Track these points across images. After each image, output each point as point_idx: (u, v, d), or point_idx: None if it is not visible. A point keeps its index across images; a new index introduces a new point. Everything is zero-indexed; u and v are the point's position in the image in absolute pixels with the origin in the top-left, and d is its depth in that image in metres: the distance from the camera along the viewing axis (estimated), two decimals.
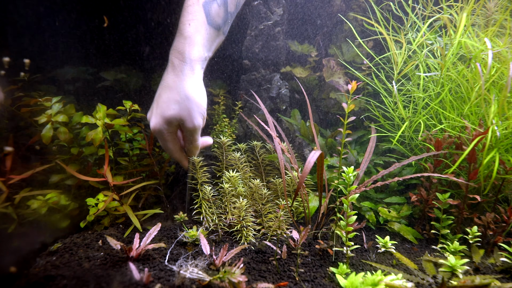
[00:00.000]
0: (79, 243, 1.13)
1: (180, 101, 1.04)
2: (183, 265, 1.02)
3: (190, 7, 1.07)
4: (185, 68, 1.05)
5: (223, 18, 1.13)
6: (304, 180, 1.47)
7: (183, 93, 1.04)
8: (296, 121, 1.74)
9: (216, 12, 1.10)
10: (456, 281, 0.96)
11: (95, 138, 1.20)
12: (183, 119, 1.06)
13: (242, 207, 1.28)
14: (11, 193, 1.11)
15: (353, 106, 1.19)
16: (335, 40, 1.88)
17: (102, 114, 1.25)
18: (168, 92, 1.05)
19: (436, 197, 1.31)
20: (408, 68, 1.50)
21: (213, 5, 1.10)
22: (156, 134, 1.11)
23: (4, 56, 1.16)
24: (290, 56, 1.87)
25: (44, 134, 1.17)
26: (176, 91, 1.04)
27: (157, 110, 1.06)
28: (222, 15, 1.12)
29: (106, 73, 1.65)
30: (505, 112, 1.22)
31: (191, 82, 1.06)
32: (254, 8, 1.70)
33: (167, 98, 1.05)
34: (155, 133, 1.10)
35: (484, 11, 1.55)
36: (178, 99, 1.04)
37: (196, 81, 1.07)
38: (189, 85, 1.05)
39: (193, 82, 1.06)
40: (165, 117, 1.05)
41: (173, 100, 1.04)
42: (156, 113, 1.06)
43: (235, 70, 1.79)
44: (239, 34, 1.76)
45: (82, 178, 1.19)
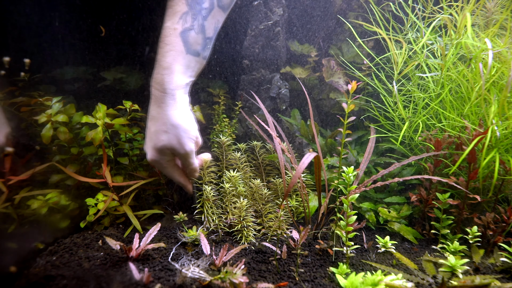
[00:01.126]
0: (79, 243, 1.13)
1: (167, 130, 1.07)
2: (185, 264, 1.02)
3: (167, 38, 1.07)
4: (166, 98, 1.06)
5: (202, 44, 1.13)
6: (302, 181, 1.47)
7: (169, 123, 1.06)
8: (296, 121, 1.74)
9: (194, 39, 1.11)
10: (456, 281, 0.96)
11: (95, 138, 1.20)
12: (174, 148, 1.08)
13: (242, 207, 1.28)
14: (11, 193, 1.11)
15: (353, 106, 1.19)
16: (335, 40, 1.88)
17: (102, 114, 1.25)
18: (155, 124, 1.07)
19: (436, 197, 1.31)
20: (409, 69, 1.50)
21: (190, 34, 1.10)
22: (155, 165, 1.15)
23: (4, 56, 1.16)
24: (290, 56, 1.87)
25: (44, 134, 1.17)
26: (161, 122, 1.07)
27: (149, 143, 1.09)
28: (201, 42, 1.13)
29: (106, 73, 1.65)
30: (505, 112, 1.22)
31: (175, 111, 1.07)
32: (254, 8, 1.70)
33: (155, 130, 1.07)
34: (154, 165, 1.14)
35: (484, 11, 1.55)
36: (165, 129, 1.07)
37: (180, 109, 1.08)
38: (174, 114, 1.07)
39: (177, 110, 1.08)
40: (157, 148, 1.08)
41: (161, 131, 1.07)
42: (149, 146, 1.09)
43: (235, 70, 1.79)
44: (239, 34, 1.76)
45: (81, 179, 1.19)
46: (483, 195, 1.34)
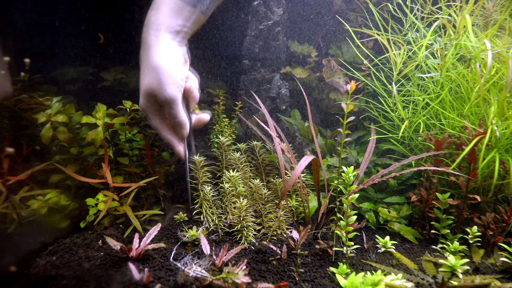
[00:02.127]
0: (79, 243, 1.13)
1: (148, 72, 0.99)
2: (187, 263, 1.02)
3: None
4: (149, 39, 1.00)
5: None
6: (302, 181, 1.46)
7: (150, 64, 0.99)
8: (296, 121, 1.74)
9: None
10: (456, 281, 0.96)
11: (96, 138, 1.20)
12: (154, 92, 1.00)
13: (242, 207, 1.28)
14: (11, 193, 1.11)
15: (352, 106, 1.19)
16: (335, 40, 1.88)
17: (102, 114, 1.25)
18: (141, 69, 1.01)
19: (436, 197, 1.31)
20: (408, 69, 1.50)
21: None
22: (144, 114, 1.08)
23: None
24: (290, 56, 1.87)
25: (44, 134, 1.17)
26: (144, 64, 1.00)
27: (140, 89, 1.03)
28: None
29: (106, 73, 1.65)
30: (505, 112, 1.22)
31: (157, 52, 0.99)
32: (254, 8, 1.70)
33: (141, 75, 1.01)
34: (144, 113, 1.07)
35: (483, 12, 1.55)
36: (146, 71, 1.00)
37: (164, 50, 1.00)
38: (155, 55, 0.99)
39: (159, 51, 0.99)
40: (141, 93, 1.01)
41: (143, 74, 1.00)
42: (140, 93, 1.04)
43: (235, 70, 1.79)
44: (239, 34, 1.76)
45: (82, 179, 1.19)
46: (483, 195, 1.34)
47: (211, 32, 1.76)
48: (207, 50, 1.81)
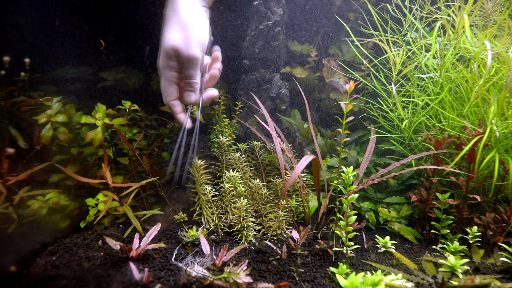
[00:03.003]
0: (79, 243, 1.13)
1: (176, 28, 0.98)
2: (189, 263, 1.02)
3: None
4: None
5: None
6: (303, 181, 1.46)
7: (180, 21, 0.99)
8: (296, 121, 1.74)
9: None
10: (456, 281, 0.96)
11: (95, 138, 1.20)
12: (178, 48, 0.98)
13: (242, 207, 1.28)
14: (11, 193, 1.11)
15: (351, 106, 1.19)
16: (335, 40, 1.88)
17: (101, 114, 1.25)
18: (166, 26, 1.00)
19: (436, 197, 1.31)
20: (408, 70, 1.50)
21: None
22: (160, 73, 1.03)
23: (5, 55, 1.15)
24: (290, 56, 1.87)
25: (44, 134, 1.17)
26: (172, 21, 0.99)
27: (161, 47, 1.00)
28: None
29: (106, 73, 1.65)
30: (505, 112, 1.22)
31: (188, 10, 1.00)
32: (254, 8, 1.70)
33: (165, 32, 0.99)
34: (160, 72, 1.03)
35: (483, 12, 1.55)
36: (174, 27, 0.99)
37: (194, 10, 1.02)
38: (186, 13, 1.00)
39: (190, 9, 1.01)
40: (164, 49, 0.99)
41: (170, 31, 0.99)
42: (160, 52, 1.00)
43: (235, 70, 1.79)
44: (239, 34, 1.76)
45: (82, 179, 1.19)
46: (483, 195, 1.34)
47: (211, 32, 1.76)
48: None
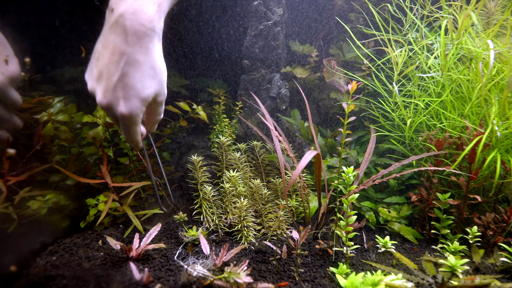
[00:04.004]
0: (79, 243, 1.13)
1: (155, 75, 0.92)
2: (189, 263, 1.02)
3: None
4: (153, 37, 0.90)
5: None
6: (303, 180, 1.46)
7: (157, 67, 0.92)
8: (296, 121, 1.74)
9: None
10: (456, 281, 0.96)
11: (96, 137, 1.20)
12: (158, 94, 0.95)
13: (242, 207, 1.28)
14: (11, 193, 1.11)
15: (353, 106, 1.19)
16: (336, 40, 1.88)
17: (102, 113, 1.25)
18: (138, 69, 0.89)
19: (436, 197, 1.31)
20: (409, 70, 1.50)
21: None
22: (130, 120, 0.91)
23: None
24: (290, 56, 1.87)
25: (45, 132, 1.17)
26: (148, 66, 0.90)
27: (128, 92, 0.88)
28: None
29: None
30: (506, 112, 1.22)
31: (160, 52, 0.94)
32: (254, 8, 1.70)
33: (140, 76, 0.89)
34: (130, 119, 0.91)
35: (485, 11, 1.55)
36: (152, 74, 0.91)
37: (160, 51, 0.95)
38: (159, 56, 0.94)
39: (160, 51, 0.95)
40: (143, 97, 0.90)
41: (148, 77, 0.91)
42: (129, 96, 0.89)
43: (235, 70, 1.79)
44: (239, 34, 1.76)
45: (82, 180, 1.19)
46: (483, 195, 1.34)
47: (211, 32, 1.76)
48: (207, 50, 1.81)
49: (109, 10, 0.89)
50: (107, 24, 0.90)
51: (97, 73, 0.90)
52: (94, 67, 0.92)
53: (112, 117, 0.95)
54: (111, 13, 0.88)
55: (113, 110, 0.90)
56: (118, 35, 0.87)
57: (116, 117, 0.93)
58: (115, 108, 0.89)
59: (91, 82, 0.93)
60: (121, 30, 0.87)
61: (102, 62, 0.89)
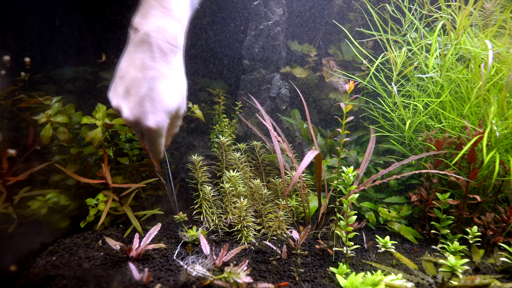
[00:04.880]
0: (79, 243, 1.13)
1: (179, 89, 0.96)
2: (189, 263, 1.02)
3: None
4: (179, 54, 0.96)
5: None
6: (303, 180, 1.46)
7: (182, 81, 0.97)
8: (296, 121, 1.74)
9: None
10: (456, 281, 0.97)
11: (94, 138, 1.20)
12: (180, 107, 0.98)
13: (242, 207, 1.28)
14: (11, 193, 1.11)
15: (351, 106, 1.19)
16: (335, 40, 1.88)
17: (101, 114, 1.25)
18: (165, 84, 0.93)
19: (436, 197, 1.31)
20: (408, 70, 1.50)
21: None
22: (155, 133, 0.95)
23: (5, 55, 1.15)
24: (290, 56, 1.87)
25: (43, 134, 1.17)
26: (173, 80, 0.94)
27: (155, 106, 0.92)
28: None
29: (106, 73, 1.65)
30: (505, 112, 1.22)
31: (182, 68, 0.98)
32: (254, 8, 1.70)
33: (167, 89, 0.93)
34: (157, 132, 0.94)
35: (483, 12, 1.55)
36: (177, 88, 0.95)
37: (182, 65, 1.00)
38: (181, 71, 0.98)
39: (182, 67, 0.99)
40: (169, 110, 0.93)
41: (175, 91, 0.95)
42: (156, 110, 0.92)
43: (235, 70, 1.79)
44: (239, 34, 1.76)
45: (82, 180, 1.19)
46: (482, 195, 1.34)
47: (211, 32, 1.76)
48: (207, 50, 1.81)
49: (132, 30, 0.94)
50: (132, 42, 0.94)
51: (123, 89, 0.93)
52: (119, 85, 0.95)
53: (137, 131, 0.98)
54: (136, 32, 0.92)
55: (140, 124, 0.92)
56: (144, 52, 0.91)
57: (141, 131, 0.96)
58: (143, 122, 0.91)
59: (116, 100, 0.95)
60: (147, 48, 0.91)
61: (129, 79, 0.92)
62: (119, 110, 0.94)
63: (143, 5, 0.94)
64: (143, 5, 0.94)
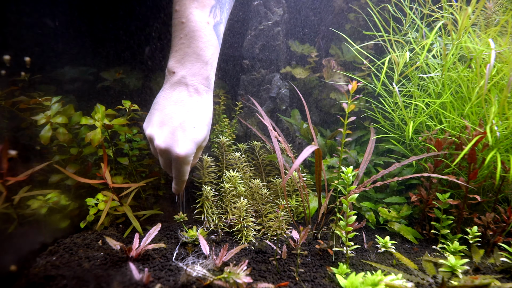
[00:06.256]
0: (79, 243, 1.13)
1: (207, 123, 1.09)
2: (189, 263, 1.02)
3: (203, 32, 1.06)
4: (210, 93, 1.10)
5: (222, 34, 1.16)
6: (303, 180, 1.46)
7: (209, 116, 1.10)
8: (296, 121, 1.74)
9: (221, 32, 1.13)
10: (456, 281, 0.96)
11: (94, 139, 1.20)
12: (205, 139, 1.11)
13: (242, 207, 1.28)
14: (11, 193, 1.11)
15: (353, 106, 1.19)
16: (336, 40, 1.88)
17: (101, 115, 1.25)
18: (197, 117, 1.06)
19: (436, 197, 1.31)
20: (409, 71, 1.50)
21: (220, 27, 1.12)
22: (183, 161, 1.04)
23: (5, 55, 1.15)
24: (290, 56, 1.87)
25: (43, 135, 1.17)
26: (204, 115, 1.08)
27: (186, 136, 1.02)
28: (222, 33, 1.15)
29: (106, 73, 1.65)
30: (506, 112, 1.22)
31: (211, 104, 1.12)
32: (254, 8, 1.70)
33: (197, 123, 1.05)
34: (185, 160, 1.03)
35: (484, 12, 1.55)
36: (207, 123, 1.08)
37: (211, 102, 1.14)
38: (211, 108, 1.12)
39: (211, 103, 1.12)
40: (198, 141, 1.05)
41: (204, 124, 1.07)
42: (186, 139, 1.02)
43: (235, 70, 1.79)
44: (239, 34, 1.76)
45: (82, 180, 1.19)
46: (482, 195, 1.34)
47: None
48: None
49: (169, 72, 1.08)
50: (169, 82, 1.08)
51: (159, 121, 1.05)
52: (154, 116, 1.07)
53: (166, 159, 1.07)
54: (172, 75, 1.07)
55: (171, 151, 1.02)
56: (181, 91, 1.06)
57: (170, 159, 1.06)
58: (173, 150, 1.01)
59: (150, 129, 1.06)
60: (184, 88, 1.06)
61: (165, 112, 1.05)
62: (152, 139, 1.05)
63: (177, 51, 1.07)
64: (177, 51, 1.07)
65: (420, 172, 1.50)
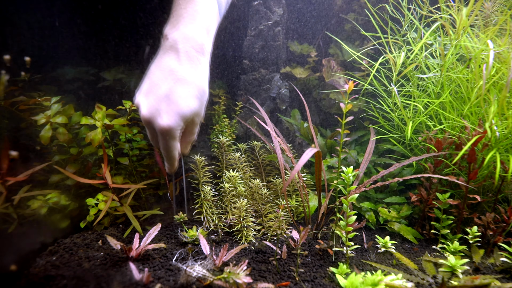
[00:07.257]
0: (79, 243, 1.13)
1: (199, 96, 0.97)
2: (189, 263, 1.02)
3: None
4: (203, 61, 0.98)
5: (225, 5, 1.07)
6: (303, 180, 1.46)
7: (201, 88, 0.97)
8: (296, 121, 1.74)
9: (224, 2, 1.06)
10: (456, 281, 0.96)
11: (94, 139, 1.20)
12: (197, 114, 0.99)
13: (242, 207, 1.28)
14: (11, 193, 1.11)
15: (351, 106, 1.19)
16: (335, 40, 1.88)
17: (101, 115, 1.25)
18: (185, 86, 0.94)
19: (436, 197, 1.31)
20: (408, 70, 1.50)
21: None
22: (167, 134, 0.95)
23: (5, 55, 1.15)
24: (290, 56, 1.87)
25: (43, 135, 1.17)
26: (194, 85, 0.96)
27: (170, 106, 0.93)
28: (225, 3, 1.07)
29: (106, 73, 1.65)
30: (505, 112, 1.22)
31: (207, 75, 1.00)
32: (254, 8, 1.70)
33: (185, 93, 0.94)
34: (167, 133, 0.94)
35: (483, 12, 1.55)
36: (197, 94, 0.96)
37: (207, 74, 1.02)
38: (206, 79, 1.00)
39: (206, 75, 1.01)
40: (184, 114, 0.94)
41: (193, 96, 0.95)
42: (170, 110, 0.93)
43: (235, 70, 1.79)
44: (239, 34, 1.76)
45: (82, 180, 1.18)
46: (482, 195, 1.34)
47: None
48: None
49: (163, 37, 0.99)
50: (162, 48, 0.99)
51: (146, 88, 0.97)
52: (144, 84, 0.99)
53: (152, 132, 0.99)
54: (166, 39, 0.97)
55: (153, 122, 0.94)
56: (171, 57, 0.96)
57: (155, 132, 0.97)
58: (156, 120, 0.93)
59: (138, 96, 0.98)
60: (174, 53, 0.96)
61: (153, 79, 0.97)
62: (138, 107, 0.96)
63: (174, 15, 0.99)
64: (173, 15, 0.99)
65: (420, 172, 1.50)
